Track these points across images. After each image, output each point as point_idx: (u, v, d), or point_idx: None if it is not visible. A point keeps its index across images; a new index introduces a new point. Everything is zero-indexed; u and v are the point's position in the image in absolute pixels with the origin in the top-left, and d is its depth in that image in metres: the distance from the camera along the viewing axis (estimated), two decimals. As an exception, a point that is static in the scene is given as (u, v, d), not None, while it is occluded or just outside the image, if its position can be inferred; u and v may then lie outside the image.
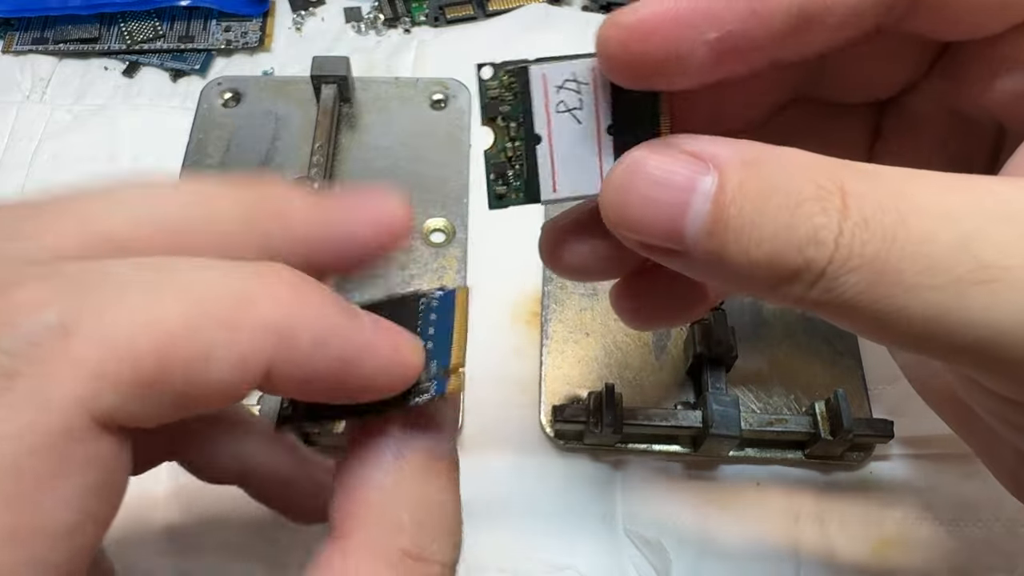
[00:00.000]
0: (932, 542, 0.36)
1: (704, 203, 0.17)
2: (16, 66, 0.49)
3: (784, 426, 0.36)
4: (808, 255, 0.16)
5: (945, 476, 0.37)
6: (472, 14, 0.52)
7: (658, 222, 0.18)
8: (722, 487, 0.37)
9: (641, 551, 0.35)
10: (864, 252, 0.16)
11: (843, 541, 0.36)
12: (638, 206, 0.18)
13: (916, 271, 0.16)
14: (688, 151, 0.18)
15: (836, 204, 0.16)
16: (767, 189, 0.17)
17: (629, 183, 0.18)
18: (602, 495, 0.37)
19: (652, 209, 0.18)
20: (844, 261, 0.16)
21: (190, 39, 0.50)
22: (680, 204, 0.17)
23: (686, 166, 0.17)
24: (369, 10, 0.52)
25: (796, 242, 0.16)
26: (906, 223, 0.16)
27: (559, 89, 0.19)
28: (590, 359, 0.39)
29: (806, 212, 0.16)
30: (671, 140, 0.18)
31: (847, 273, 0.16)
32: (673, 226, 0.17)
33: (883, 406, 0.38)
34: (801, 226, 0.16)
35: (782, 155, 0.17)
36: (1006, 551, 0.35)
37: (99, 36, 0.50)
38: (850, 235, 0.16)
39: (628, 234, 0.18)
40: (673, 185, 0.17)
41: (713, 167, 0.17)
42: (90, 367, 0.14)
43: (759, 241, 0.17)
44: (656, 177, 0.18)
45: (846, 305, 0.17)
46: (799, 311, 0.40)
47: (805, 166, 0.17)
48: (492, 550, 0.35)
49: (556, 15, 0.51)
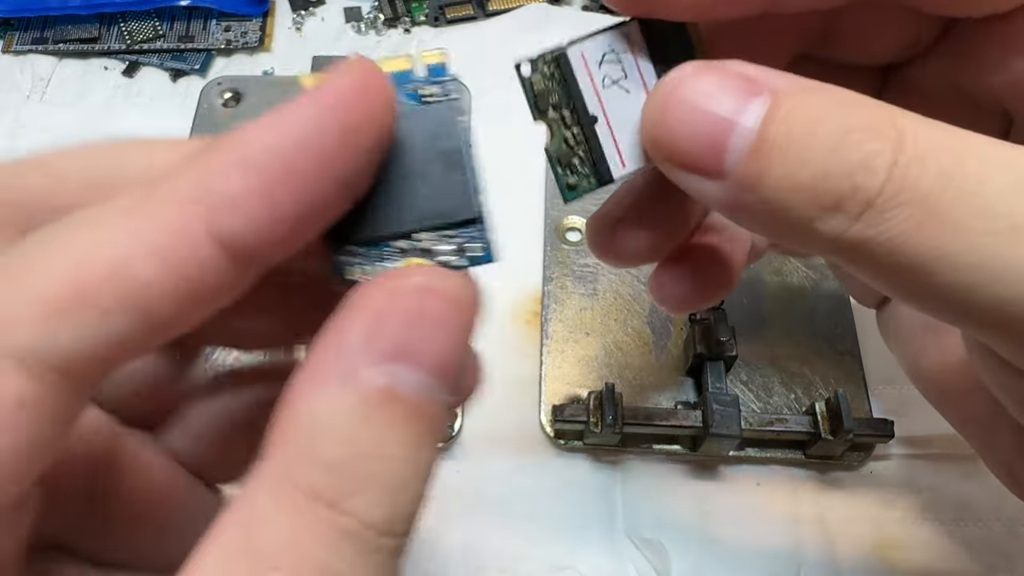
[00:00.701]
0: (932, 542, 0.36)
1: (752, 120, 0.16)
2: (16, 66, 0.49)
3: (784, 426, 0.36)
4: (857, 180, 0.15)
5: (945, 476, 0.37)
6: (472, 14, 0.52)
7: (701, 135, 0.17)
8: (722, 487, 0.37)
9: (641, 551, 0.35)
10: (918, 187, 0.15)
11: (843, 541, 0.36)
12: (681, 118, 0.17)
13: (970, 213, 0.15)
14: (739, 72, 0.17)
15: (891, 135, 0.16)
16: (820, 114, 0.16)
17: (676, 92, 0.17)
18: (602, 495, 0.36)
19: (696, 121, 0.17)
20: (895, 193, 0.15)
21: (190, 39, 0.50)
22: (726, 121, 0.16)
23: (738, 84, 0.17)
24: (369, 10, 0.52)
25: (846, 165, 0.16)
26: (963, 163, 0.15)
27: (600, 64, 0.19)
28: (590, 359, 0.39)
29: (859, 138, 0.16)
30: (721, 63, 0.17)
31: (897, 207, 0.15)
32: (716, 141, 0.17)
33: (883, 406, 0.38)
34: (853, 150, 0.16)
35: (834, 89, 0.17)
36: (1006, 551, 0.35)
37: (99, 36, 0.50)
38: (904, 167, 0.15)
39: (662, 151, 0.17)
40: (722, 101, 0.17)
41: (765, 89, 0.17)
42: (5, 306, 0.14)
43: (805, 162, 0.16)
44: (706, 91, 0.17)
45: (887, 246, 0.16)
46: (801, 308, 0.40)
47: (858, 99, 0.16)
48: (492, 550, 0.35)
49: (556, 15, 0.51)
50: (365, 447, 0.14)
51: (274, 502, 0.14)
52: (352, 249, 0.17)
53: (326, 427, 0.14)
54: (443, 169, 0.17)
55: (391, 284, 0.15)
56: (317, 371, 0.15)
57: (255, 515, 0.14)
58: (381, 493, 0.14)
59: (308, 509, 0.14)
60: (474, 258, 0.18)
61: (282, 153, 0.15)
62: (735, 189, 0.17)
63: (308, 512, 0.14)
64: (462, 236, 0.18)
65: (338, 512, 0.14)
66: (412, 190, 0.17)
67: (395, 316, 0.15)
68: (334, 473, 0.14)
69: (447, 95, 0.18)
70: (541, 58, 0.20)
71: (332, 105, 0.15)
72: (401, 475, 0.15)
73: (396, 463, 0.15)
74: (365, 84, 0.15)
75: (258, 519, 0.14)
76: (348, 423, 0.14)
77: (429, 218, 0.17)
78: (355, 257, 0.17)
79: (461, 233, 0.18)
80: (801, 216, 0.16)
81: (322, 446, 0.14)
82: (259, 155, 0.14)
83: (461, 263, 0.18)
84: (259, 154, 0.15)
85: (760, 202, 0.17)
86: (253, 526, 0.14)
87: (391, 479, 0.15)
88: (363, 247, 0.17)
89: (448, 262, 0.18)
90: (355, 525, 0.14)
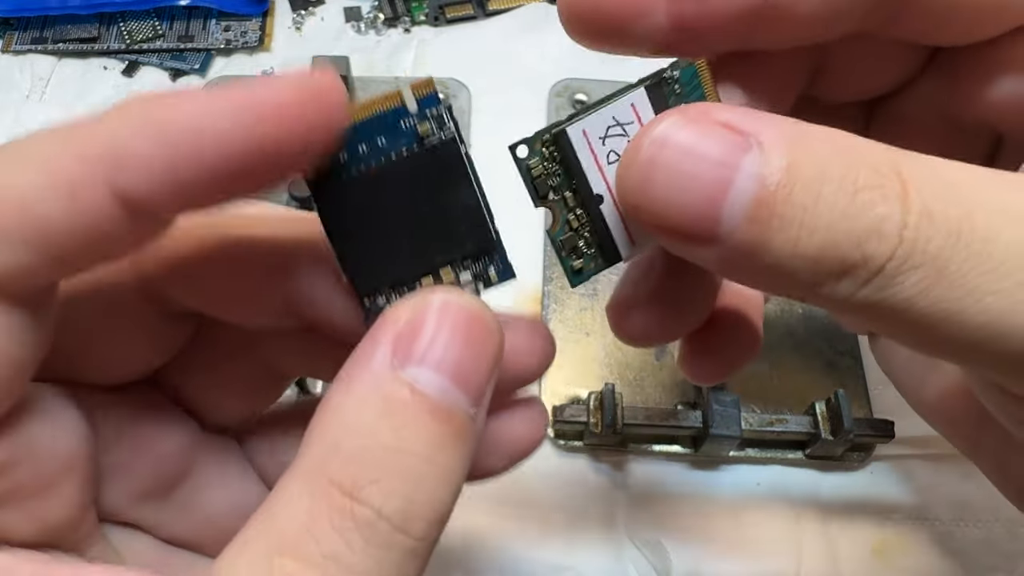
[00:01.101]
0: (932, 542, 0.36)
1: (748, 183, 0.15)
2: (16, 66, 0.49)
3: (784, 426, 0.36)
4: (867, 249, 0.15)
5: (945, 476, 0.37)
6: (472, 14, 0.52)
7: (690, 203, 0.15)
8: (722, 487, 0.37)
9: (641, 551, 0.35)
10: (927, 249, 0.14)
11: (843, 541, 0.36)
12: (665, 184, 0.16)
13: (980, 272, 0.15)
14: (724, 122, 0.15)
15: (897, 191, 0.15)
16: (821, 172, 0.15)
17: (656, 156, 0.16)
18: (602, 495, 0.36)
19: (683, 187, 0.15)
20: (906, 257, 0.15)
21: (190, 39, 0.50)
22: (719, 183, 0.15)
23: (724, 139, 0.15)
24: (369, 10, 0.52)
25: (855, 234, 0.15)
26: (971, 218, 0.15)
27: (604, 140, 0.18)
28: (590, 359, 0.39)
29: (866, 199, 0.15)
30: (703, 108, 0.16)
31: (908, 271, 0.15)
32: (708, 208, 0.15)
33: (883, 406, 0.38)
34: (862, 216, 0.15)
35: (828, 133, 0.16)
36: (1006, 551, 0.35)
37: (98, 36, 0.50)
38: (915, 228, 0.14)
39: (650, 218, 0.16)
40: (710, 160, 0.15)
41: (755, 142, 0.15)
42: None
43: (811, 231, 0.15)
44: (690, 150, 0.15)
45: (897, 307, 0.15)
46: (800, 309, 0.40)
47: (857, 147, 0.15)
48: (492, 550, 0.35)
49: (556, 15, 0.51)
50: (385, 440, 0.15)
51: (296, 491, 0.15)
52: (379, 293, 0.18)
53: (351, 421, 0.15)
54: (455, 202, 0.18)
55: (415, 301, 0.17)
56: (346, 376, 0.16)
57: (280, 502, 0.15)
58: (397, 484, 0.15)
59: (326, 496, 0.15)
60: (493, 281, 0.19)
61: (197, 139, 0.15)
62: (732, 255, 0.16)
63: (325, 498, 0.15)
64: (482, 262, 0.19)
65: (354, 500, 0.15)
66: (430, 229, 0.18)
67: (417, 327, 0.16)
68: (354, 462, 0.15)
69: (442, 129, 0.18)
70: (538, 138, 0.18)
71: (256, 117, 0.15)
72: (418, 472, 0.15)
73: (415, 460, 0.15)
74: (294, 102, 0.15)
75: (281, 504, 0.15)
76: (371, 417, 0.15)
77: (449, 252, 0.18)
78: (381, 300, 0.18)
79: (478, 261, 0.18)
80: (806, 282, 0.15)
81: (345, 439, 0.15)
82: (174, 132, 0.15)
83: (485, 286, 0.19)
84: (175, 131, 0.15)
85: (759, 267, 0.16)
86: (275, 510, 0.15)
87: (408, 473, 0.15)
88: (390, 290, 0.18)
89: (474, 289, 0.19)
90: (369, 514, 0.15)
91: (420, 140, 0.18)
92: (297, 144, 0.15)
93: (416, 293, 0.17)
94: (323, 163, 0.17)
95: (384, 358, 0.16)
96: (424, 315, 0.16)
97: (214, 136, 0.15)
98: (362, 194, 0.18)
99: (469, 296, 0.17)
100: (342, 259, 0.18)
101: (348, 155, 0.17)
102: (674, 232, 0.16)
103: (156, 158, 0.15)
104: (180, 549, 0.22)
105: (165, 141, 0.15)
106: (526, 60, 0.49)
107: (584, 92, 0.47)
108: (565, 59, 0.48)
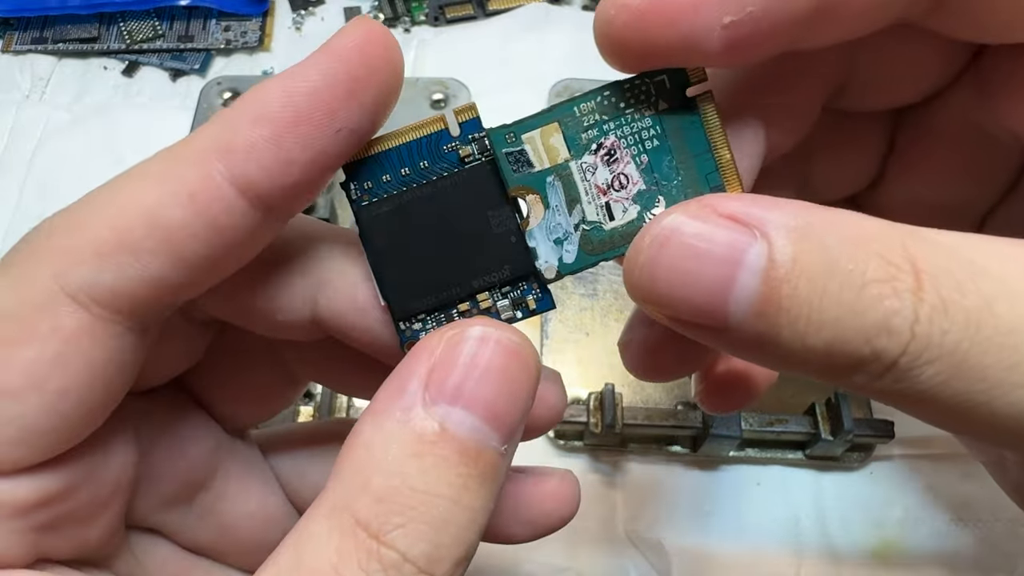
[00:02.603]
0: (932, 542, 0.36)
1: (752, 278, 0.15)
2: (16, 66, 0.49)
3: (784, 426, 0.36)
4: (878, 345, 0.14)
5: (945, 476, 0.37)
6: (472, 14, 0.51)
7: (696, 298, 0.15)
8: (722, 487, 0.37)
9: (641, 551, 0.35)
10: (943, 342, 0.14)
11: (843, 541, 0.36)
12: (668, 280, 0.15)
13: (1004, 367, 0.14)
14: (728, 214, 0.15)
15: (909, 284, 0.14)
16: (827, 264, 0.14)
17: (659, 254, 0.15)
18: (602, 496, 0.36)
19: (688, 283, 0.15)
20: (920, 353, 0.14)
21: (190, 39, 0.50)
22: (723, 278, 0.15)
23: (728, 233, 0.15)
24: (369, 9, 0.52)
25: (864, 330, 0.14)
26: (991, 308, 0.14)
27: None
28: (590, 359, 0.39)
29: (875, 294, 0.14)
30: (707, 201, 0.16)
31: (922, 365, 0.14)
32: (714, 303, 0.15)
33: (883, 406, 0.38)
34: (870, 311, 0.14)
35: (837, 220, 0.15)
36: (1006, 551, 0.35)
37: (98, 36, 0.50)
38: (927, 322, 0.14)
39: (659, 311, 0.16)
40: (714, 256, 0.15)
41: (760, 234, 0.15)
42: (61, 252, 0.16)
43: (818, 326, 0.14)
44: (693, 247, 0.15)
45: (917, 397, 0.14)
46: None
47: (867, 236, 0.15)
48: (492, 551, 0.35)
49: (556, 15, 0.51)
50: (413, 481, 0.15)
51: (326, 527, 0.15)
52: (415, 318, 0.18)
53: (379, 459, 0.15)
54: (493, 227, 0.18)
55: (451, 333, 0.16)
56: (377, 409, 0.16)
57: (307, 538, 0.15)
58: (424, 529, 0.15)
59: (354, 536, 0.15)
60: (532, 309, 0.18)
61: (291, 105, 0.16)
62: (739, 342, 0.15)
63: (353, 539, 0.15)
64: (518, 290, 0.18)
65: (380, 543, 0.15)
66: (467, 252, 0.18)
67: (452, 361, 0.16)
68: (382, 503, 0.15)
69: (484, 152, 0.18)
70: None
71: (336, 60, 0.16)
72: (446, 515, 0.15)
73: (442, 502, 0.15)
74: (366, 41, 0.17)
75: (309, 542, 0.15)
76: (399, 457, 0.15)
77: (487, 277, 0.18)
78: (418, 325, 0.18)
79: (517, 287, 0.18)
80: (819, 372, 0.15)
81: (373, 477, 0.15)
82: (269, 108, 0.16)
83: (522, 315, 0.18)
84: (269, 107, 0.16)
85: (771, 356, 0.15)
86: (303, 548, 0.15)
87: (435, 517, 0.15)
88: (426, 315, 0.18)
89: (512, 317, 0.18)
90: (396, 557, 0.15)
91: (461, 162, 0.18)
92: (373, 78, 0.17)
93: (454, 324, 0.17)
94: (366, 184, 0.18)
95: (416, 393, 0.16)
96: (460, 348, 0.16)
97: (307, 89, 0.16)
98: (402, 216, 0.18)
99: (508, 330, 0.17)
100: (380, 281, 0.18)
101: (390, 177, 0.18)
102: (685, 324, 0.16)
103: (258, 134, 0.16)
104: (199, 557, 0.22)
105: (263, 113, 0.16)
106: (526, 60, 0.49)
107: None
108: (565, 59, 0.48)
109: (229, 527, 0.22)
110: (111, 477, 0.19)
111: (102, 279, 0.16)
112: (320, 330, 0.20)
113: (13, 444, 0.16)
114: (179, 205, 0.16)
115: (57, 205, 0.17)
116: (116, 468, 0.19)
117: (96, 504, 0.18)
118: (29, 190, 0.44)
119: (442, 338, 0.16)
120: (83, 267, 0.16)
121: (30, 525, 0.17)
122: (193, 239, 0.16)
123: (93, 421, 0.17)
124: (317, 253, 0.19)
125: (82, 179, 0.50)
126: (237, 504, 0.23)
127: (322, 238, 0.20)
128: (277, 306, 0.19)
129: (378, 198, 0.18)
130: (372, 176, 0.18)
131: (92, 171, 0.45)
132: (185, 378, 0.22)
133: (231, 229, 0.16)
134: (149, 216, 0.16)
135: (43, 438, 0.16)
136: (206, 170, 0.16)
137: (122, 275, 0.16)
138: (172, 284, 0.16)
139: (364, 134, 0.17)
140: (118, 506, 0.19)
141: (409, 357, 0.16)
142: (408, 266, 0.18)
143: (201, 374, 0.22)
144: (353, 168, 0.18)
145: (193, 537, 0.22)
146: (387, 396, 0.16)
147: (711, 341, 0.16)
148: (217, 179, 0.16)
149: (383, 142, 0.18)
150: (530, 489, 0.21)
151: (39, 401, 0.16)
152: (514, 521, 0.21)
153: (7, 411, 0.16)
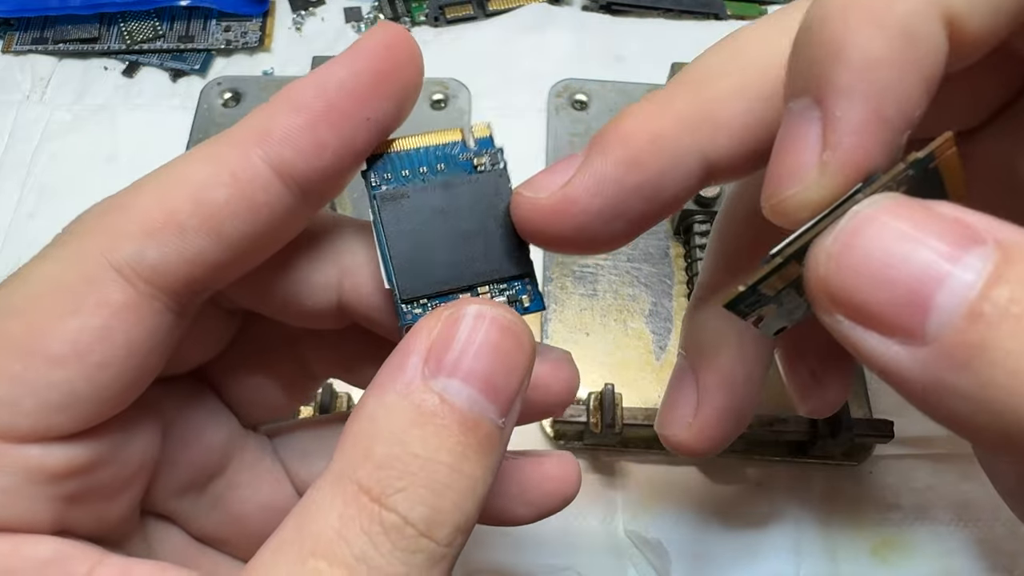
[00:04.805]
0: (932, 542, 0.36)
1: (972, 275, 0.13)
2: (16, 66, 0.49)
3: (784, 427, 0.35)
4: None
5: (945, 476, 0.37)
6: (472, 14, 0.52)
7: (891, 288, 0.13)
8: (722, 487, 0.37)
9: (641, 551, 0.35)
10: None
11: (843, 541, 0.36)
12: (866, 266, 0.14)
13: None
14: (955, 216, 0.14)
15: None
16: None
17: (861, 232, 0.14)
18: (602, 495, 0.36)
19: (886, 271, 0.13)
20: None
21: (190, 39, 0.50)
22: (933, 272, 0.13)
23: (951, 228, 0.13)
24: (369, 10, 0.52)
25: None
26: None
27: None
28: (590, 359, 0.39)
29: None
30: (927, 203, 0.14)
31: None
32: (914, 297, 0.13)
33: (883, 406, 0.38)
34: None
35: None
36: (1006, 551, 0.35)
37: (99, 36, 0.50)
38: None
39: (838, 300, 0.14)
40: (927, 247, 0.13)
41: (991, 240, 0.13)
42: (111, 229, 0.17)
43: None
44: (904, 231, 0.14)
45: None
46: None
47: None
48: (491, 551, 0.35)
49: (556, 15, 0.51)
50: (414, 448, 0.16)
51: (329, 495, 0.16)
52: (417, 303, 0.20)
53: (381, 430, 0.16)
54: (496, 229, 0.20)
55: (448, 312, 0.17)
56: (379, 384, 0.17)
57: (311, 505, 0.16)
58: (424, 493, 0.16)
59: (356, 501, 0.15)
60: (525, 308, 0.20)
61: (323, 96, 0.18)
62: (938, 362, 0.13)
63: (355, 504, 0.15)
64: (514, 289, 0.20)
65: (382, 506, 0.15)
66: (471, 249, 0.20)
67: (450, 338, 0.17)
68: (383, 469, 0.16)
69: (495, 164, 0.20)
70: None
71: (364, 57, 0.18)
72: (446, 480, 0.16)
73: (442, 468, 0.16)
74: (390, 42, 0.18)
75: (312, 509, 0.16)
76: (400, 426, 0.16)
77: (487, 273, 0.20)
78: (419, 310, 0.20)
79: (513, 286, 0.20)
80: (995, 432, 0.13)
81: (375, 446, 0.16)
82: (304, 99, 0.18)
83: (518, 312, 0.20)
84: (303, 98, 0.18)
85: (973, 386, 0.13)
86: (307, 515, 0.16)
87: (435, 481, 0.16)
88: (428, 300, 0.20)
89: None
90: (396, 520, 0.15)
91: (474, 168, 0.20)
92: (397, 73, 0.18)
93: (451, 304, 0.18)
94: (386, 174, 0.20)
95: (416, 368, 0.16)
96: (457, 324, 0.17)
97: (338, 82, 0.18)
98: (414, 207, 0.20)
99: (503, 308, 0.17)
100: (387, 264, 0.19)
101: (409, 172, 0.20)
102: (867, 319, 0.14)
103: (293, 121, 0.17)
104: (207, 547, 0.23)
105: (298, 103, 0.18)
106: (526, 60, 0.49)
107: (584, 92, 0.47)
108: (565, 59, 0.48)
109: (240, 517, 0.23)
110: (135, 456, 0.19)
111: (148, 256, 0.17)
112: (345, 317, 0.21)
113: (55, 410, 0.17)
114: (222, 184, 0.17)
115: (57, 205, 0.18)
116: (140, 448, 0.20)
117: (120, 481, 0.19)
118: (29, 190, 0.44)
119: (440, 317, 0.17)
120: (131, 244, 0.17)
121: (58, 493, 0.17)
122: (234, 217, 0.17)
123: (126, 398, 0.18)
124: (342, 241, 0.21)
125: (82, 179, 0.50)
126: (248, 495, 0.23)
127: (345, 227, 0.21)
128: (305, 292, 0.20)
129: (395, 187, 0.20)
130: (393, 169, 0.20)
131: (92, 171, 0.45)
132: (206, 368, 0.22)
133: (268, 209, 0.18)
134: (194, 195, 0.17)
135: (82, 408, 0.17)
136: (246, 153, 0.17)
137: (167, 252, 0.17)
138: (213, 263, 0.18)
139: (389, 125, 0.19)
140: (139, 487, 0.20)
141: (409, 336, 0.17)
142: (415, 253, 0.20)
143: (223, 365, 0.23)
144: (375, 160, 0.20)
145: (204, 526, 0.23)
146: (388, 372, 0.17)
147: (890, 355, 0.14)
148: (256, 161, 0.17)
149: (405, 142, 0.20)
150: (530, 470, 0.22)
151: (81, 371, 0.17)
152: (518, 503, 0.22)
153: (54, 376, 0.16)
